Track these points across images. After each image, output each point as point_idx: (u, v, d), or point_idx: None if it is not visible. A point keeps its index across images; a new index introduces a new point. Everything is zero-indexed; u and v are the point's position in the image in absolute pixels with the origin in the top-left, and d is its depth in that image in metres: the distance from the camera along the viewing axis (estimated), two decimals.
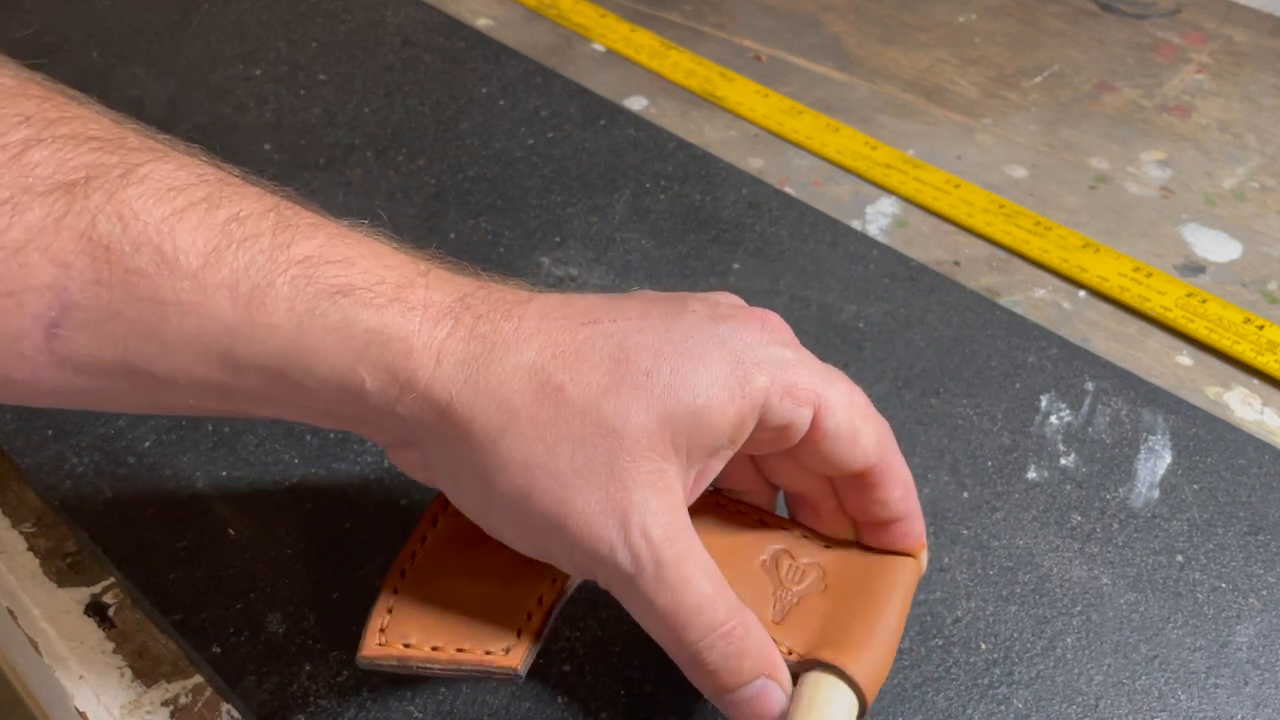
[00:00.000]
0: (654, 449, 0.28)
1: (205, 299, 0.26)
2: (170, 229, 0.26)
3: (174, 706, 0.36)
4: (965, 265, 0.53)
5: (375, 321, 0.27)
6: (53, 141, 0.26)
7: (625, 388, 0.28)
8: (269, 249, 0.27)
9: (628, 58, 0.66)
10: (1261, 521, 0.41)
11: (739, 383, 0.29)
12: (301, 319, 0.27)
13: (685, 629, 0.28)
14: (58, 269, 0.25)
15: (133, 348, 0.26)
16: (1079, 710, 0.36)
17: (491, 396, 0.27)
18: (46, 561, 0.40)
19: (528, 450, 0.27)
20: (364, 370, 0.27)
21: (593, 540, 0.27)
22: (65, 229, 0.25)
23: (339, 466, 0.42)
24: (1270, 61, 0.68)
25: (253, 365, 0.27)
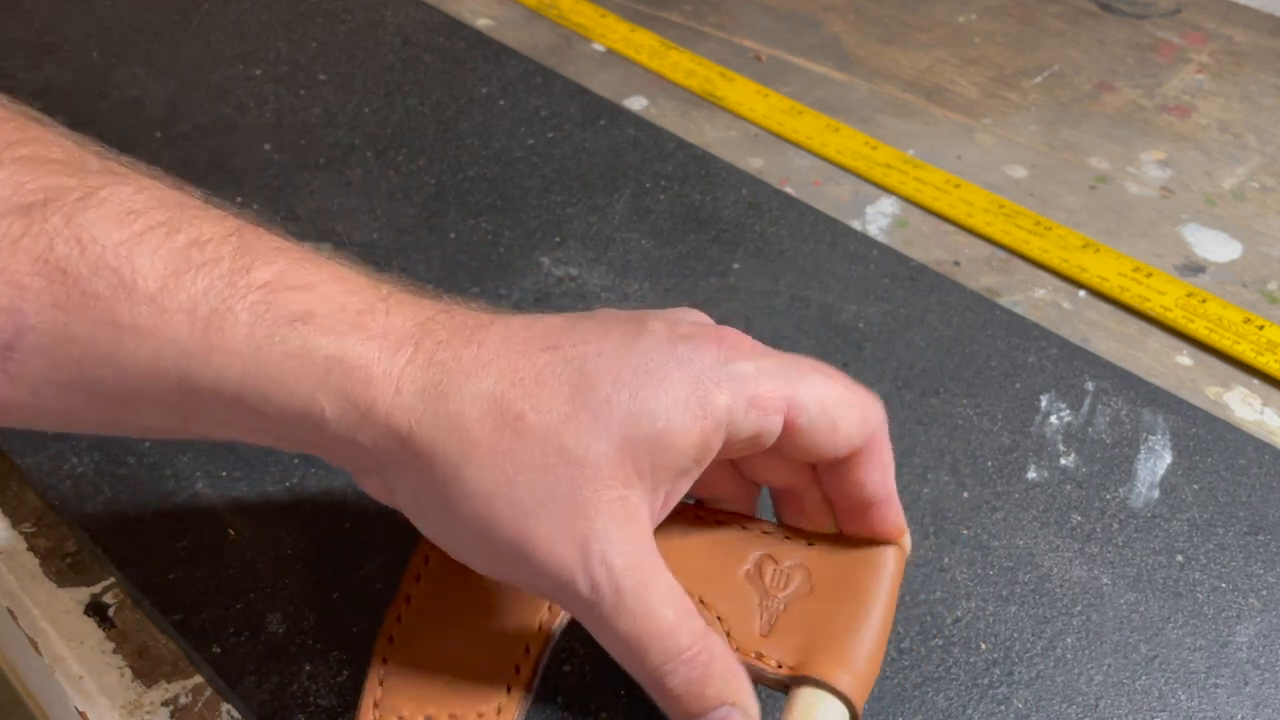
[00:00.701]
0: (615, 477, 0.28)
1: (163, 323, 0.26)
2: (129, 252, 0.26)
3: (174, 706, 0.36)
4: (965, 265, 0.53)
5: (335, 349, 0.27)
6: (11, 163, 0.26)
7: (585, 415, 0.28)
8: (228, 274, 0.27)
9: (628, 58, 0.66)
10: (1261, 521, 0.41)
11: (699, 404, 0.28)
12: (260, 345, 0.26)
13: (647, 654, 0.28)
14: (13, 291, 0.25)
15: (89, 371, 0.26)
16: (1079, 710, 0.36)
17: (452, 426, 0.27)
18: (46, 561, 0.40)
19: (489, 480, 0.27)
20: (323, 398, 0.27)
21: (555, 570, 0.28)
22: (21, 251, 0.25)
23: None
24: (1270, 61, 0.68)
25: (210, 390, 0.27)
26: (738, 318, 0.48)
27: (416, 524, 0.30)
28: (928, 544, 0.40)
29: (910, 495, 0.41)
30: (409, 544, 0.39)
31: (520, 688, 0.31)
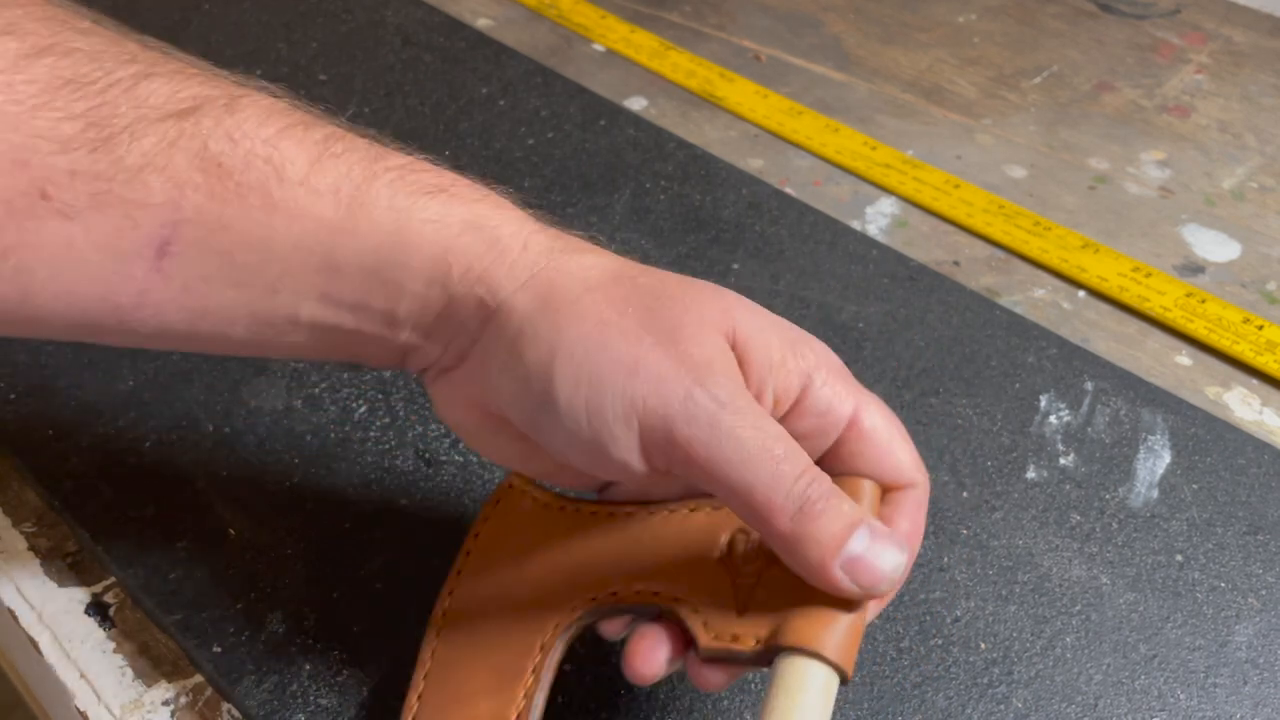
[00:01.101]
0: (718, 329, 0.29)
1: (310, 203, 0.28)
2: (275, 144, 0.28)
3: (174, 706, 0.36)
4: (965, 265, 0.53)
5: (469, 214, 0.29)
6: (162, 76, 0.28)
7: (696, 287, 0.30)
8: (365, 159, 0.29)
9: (628, 58, 0.67)
10: (1261, 521, 0.41)
11: (791, 345, 0.30)
12: (400, 214, 0.28)
13: (780, 464, 0.27)
14: (173, 187, 0.27)
15: (238, 258, 0.28)
16: (1078, 709, 0.36)
17: (571, 273, 0.29)
18: (47, 561, 0.40)
19: (602, 309, 0.28)
20: (453, 257, 0.29)
21: (668, 388, 0.27)
22: (179, 150, 0.27)
23: (339, 466, 0.42)
24: (1269, 62, 0.68)
25: (352, 264, 0.28)
26: None
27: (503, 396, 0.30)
28: (927, 544, 0.40)
29: None
30: (409, 544, 0.39)
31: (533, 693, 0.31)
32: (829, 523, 0.27)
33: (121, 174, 0.26)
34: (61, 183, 0.26)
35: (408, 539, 0.39)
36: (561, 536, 0.33)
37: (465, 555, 0.35)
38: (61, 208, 0.26)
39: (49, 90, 0.26)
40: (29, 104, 0.26)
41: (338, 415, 0.43)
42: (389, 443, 0.42)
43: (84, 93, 0.26)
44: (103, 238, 0.27)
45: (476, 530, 0.35)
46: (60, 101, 0.26)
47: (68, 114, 0.26)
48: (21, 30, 0.26)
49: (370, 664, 0.36)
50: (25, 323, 0.28)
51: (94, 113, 0.26)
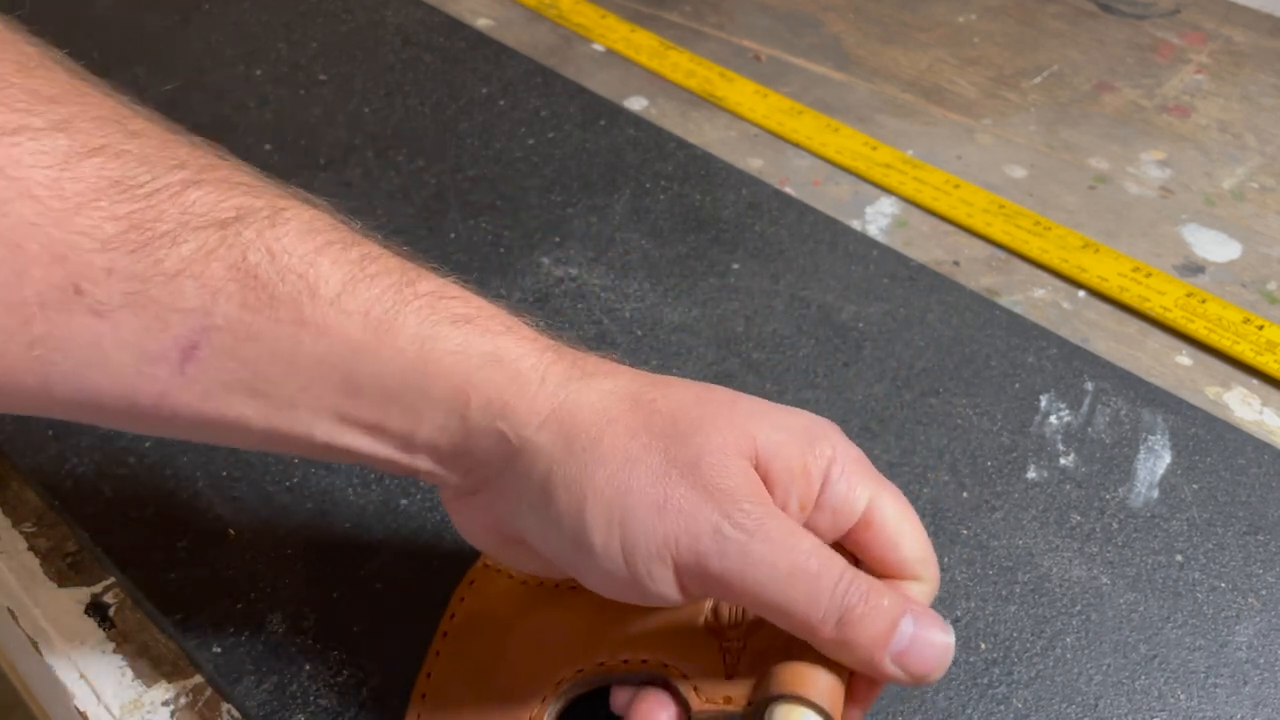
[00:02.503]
0: (740, 453, 0.29)
1: (340, 323, 0.28)
2: (313, 261, 0.28)
3: (174, 706, 0.36)
4: (965, 265, 0.53)
5: (490, 346, 0.30)
6: (208, 184, 0.28)
7: (711, 406, 0.30)
8: (397, 284, 0.29)
9: (628, 58, 0.67)
10: (1261, 521, 0.41)
11: (809, 445, 0.30)
12: (424, 343, 0.29)
13: (815, 582, 0.28)
14: (206, 294, 0.27)
15: (262, 369, 0.28)
16: (1078, 710, 0.36)
17: (591, 407, 0.29)
18: (47, 561, 0.41)
19: (626, 446, 0.29)
20: (472, 390, 0.29)
21: (695, 519, 0.28)
22: (216, 260, 0.27)
23: (339, 467, 0.42)
24: (1269, 62, 0.68)
25: (372, 386, 0.29)
26: (738, 318, 0.48)
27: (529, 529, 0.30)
28: None
29: (910, 495, 0.41)
30: (409, 544, 0.39)
31: None
32: (871, 623, 0.28)
33: (158, 277, 0.27)
34: (97, 280, 0.26)
35: (408, 539, 0.39)
36: (543, 612, 0.33)
37: (442, 636, 0.35)
38: (94, 305, 0.27)
39: (95, 190, 0.27)
40: (74, 202, 0.26)
41: None
42: None
43: (129, 195, 0.27)
44: (131, 336, 0.27)
45: (452, 611, 0.35)
46: (105, 202, 0.27)
47: (111, 215, 0.27)
48: (74, 128, 0.27)
49: (370, 664, 0.36)
50: (40, 408, 0.29)
51: (137, 215, 0.27)
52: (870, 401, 0.45)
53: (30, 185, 0.26)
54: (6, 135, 0.26)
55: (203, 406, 0.29)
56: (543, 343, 0.31)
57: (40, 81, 0.28)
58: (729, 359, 0.47)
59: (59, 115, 0.27)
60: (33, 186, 0.26)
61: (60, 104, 0.27)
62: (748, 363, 0.46)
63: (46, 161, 0.26)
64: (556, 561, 0.30)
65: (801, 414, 0.31)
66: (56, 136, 0.26)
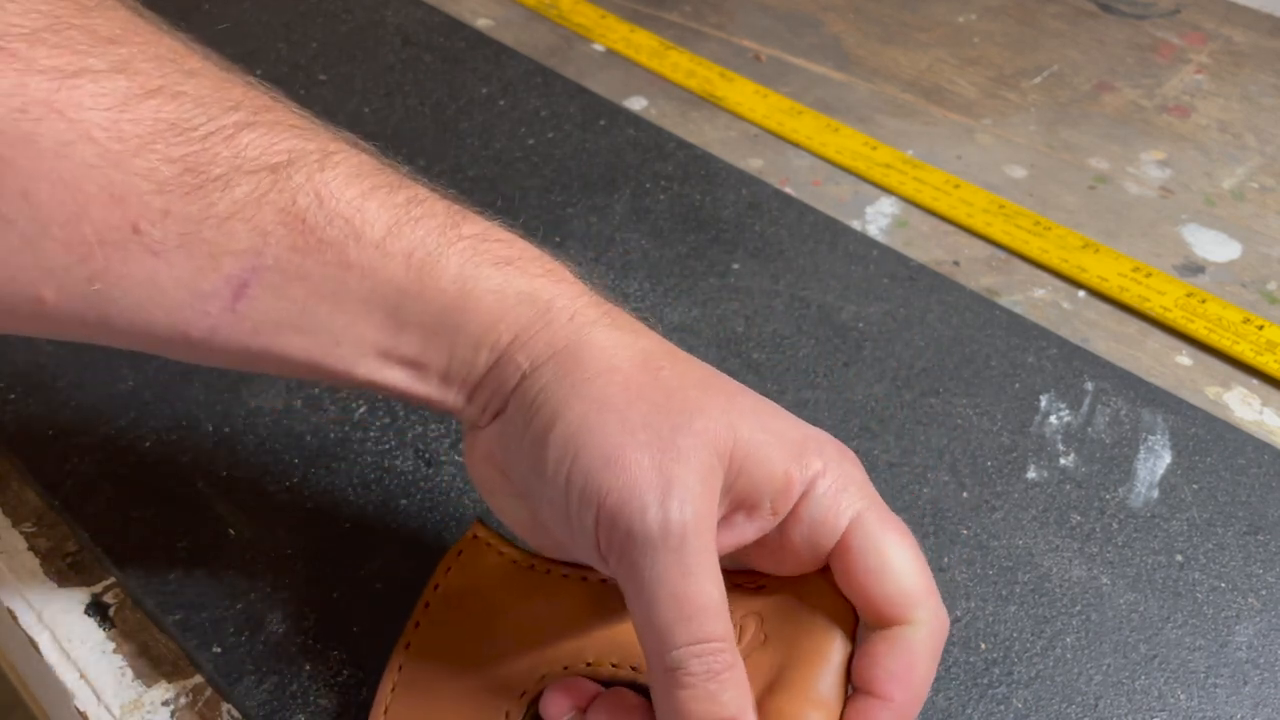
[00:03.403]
0: (714, 448, 0.29)
1: (384, 265, 0.29)
2: (359, 206, 0.30)
3: (174, 706, 0.36)
4: (965, 265, 0.53)
5: (528, 287, 0.31)
6: (261, 125, 0.29)
7: (711, 391, 0.30)
8: (441, 226, 0.30)
9: (628, 58, 0.67)
10: (1261, 521, 0.41)
11: (797, 454, 0.30)
12: (466, 283, 0.30)
13: (680, 622, 0.27)
14: (258, 236, 0.28)
15: (309, 308, 0.29)
16: (1078, 710, 0.36)
17: (601, 349, 0.30)
18: (47, 561, 0.40)
19: (612, 393, 0.29)
20: (504, 326, 0.30)
21: (631, 493, 0.28)
22: (268, 204, 0.28)
23: (339, 466, 0.42)
24: (1269, 62, 0.68)
25: (413, 323, 0.30)
26: (738, 318, 0.48)
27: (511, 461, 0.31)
28: (927, 544, 0.40)
29: (910, 495, 0.42)
30: (409, 544, 0.39)
31: None
32: (691, 699, 0.27)
33: (211, 219, 0.28)
34: (154, 220, 0.27)
35: (408, 539, 0.39)
36: (531, 597, 0.33)
37: (424, 607, 0.34)
38: (150, 244, 0.28)
39: (153, 133, 0.27)
40: (132, 144, 0.27)
41: (338, 415, 0.43)
42: (389, 443, 0.42)
43: (185, 138, 0.28)
44: (185, 275, 0.28)
45: (436, 581, 0.35)
46: (161, 144, 0.27)
47: (167, 157, 0.27)
48: (133, 69, 0.28)
49: (370, 664, 0.36)
50: (100, 338, 0.30)
51: (192, 158, 0.28)
52: (870, 401, 0.45)
53: (90, 127, 0.26)
54: (68, 78, 0.26)
55: (251, 341, 0.30)
56: (580, 287, 0.32)
57: (99, 21, 0.28)
58: (729, 359, 0.47)
59: (118, 56, 0.28)
60: (92, 129, 0.26)
61: (119, 44, 0.28)
62: (748, 363, 0.46)
63: (106, 104, 0.27)
64: (521, 488, 0.31)
65: (806, 427, 0.31)
66: (116, 78, 0.27)
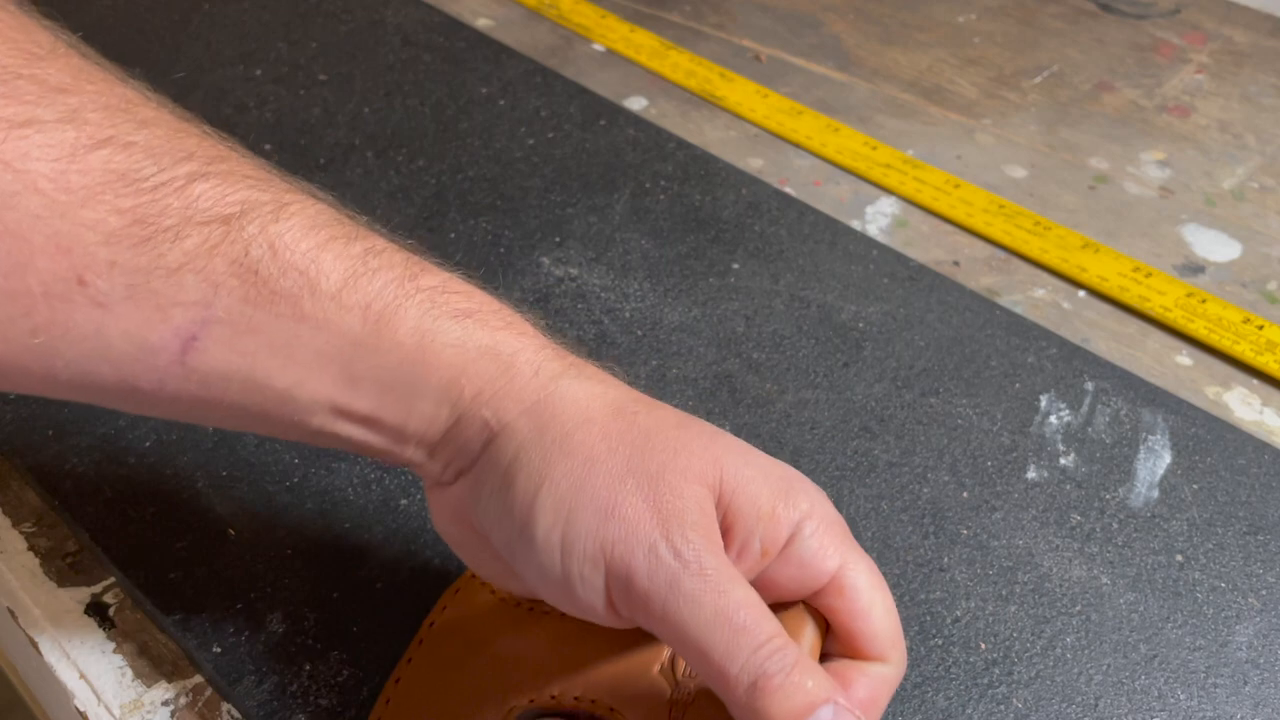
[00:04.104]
0: (702, 481, 0.29)
1: (339, 317, 0.29)
2: (315, 257, 0.29)
3: (174, 706, 0.36)
4: (965, 265, 0.53)
5: (490, 340, 0.30)
6: (214, 176, 0.28)
7: (690, 433, 0.30)
8: (399, 278, 0.30)
9: (628, 58, 0.67)
10: (1261, 521, 0.41)
11: (784, 493, 0.30)
12: (423, 336, 0.29)
13: (738, 636, 0.27)
14: (208, 288, 0.28)
15: (260, 362, 0.29)
16: (1078, 710, 0.36)
17: (575, 401, 0.30)
18: (47, 561, 0.40)
19: (594, 445, 0.29)
20: (466, 380, 0.30)
21: (635, 540, 0.28)
22: (219, 255, 0.28)
23: (339, 466, 0.42)
24: (1270, 62, 0.68)
25: (368, 379, 0.29)
26: (738, 318, 0.48)
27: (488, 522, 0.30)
28: (927, 544, 0.40)
29: (910, 495, 0.42)
30: (409, 544, 0.39)
31: None
32: (786, 698, 0.27)
33: (160, 270, 0.27)
34: (100, 272, 0.27)
35: (408, 539, 0.39)
36: (509, 633, 0.33)
37: (418, 644, 0.35)
38: (96, 295, 0.27)
39: (101, 183, 0.27)
40: (79, 195, 0.26)
41: None
42: None
43: (135, 188, 0.27)
44: (132, 326, 0.28)
45: (432, 619, 0.35)
46: (110, 195, 0.27)
47: (115, 208, 0.27)
48: (81, 119, 0.27)
49: (370, 664, 0.36)
50: (45, 390, 0.29)
51: (141, 209, 0.27)
52: (870, 401, 0.45)
53: (36, 179, 0.26)
54: (16, 128, 0.26)
55: (201, 393, 0.29)
56: (542, 340, 0.31)
57: (50, 70, 0.28)
58: (729, 359, 0.47)
59: (67, 106, 0.27)
60: (39, 180, 0.26)
61: (69, 93, 0.27)
62: (748, 363, 0.46)
63: (53, 155, 0.26)
64: (504, 552, 0.30)
65: (787, 467, 0.31)
66: (64, 129, 0.27)
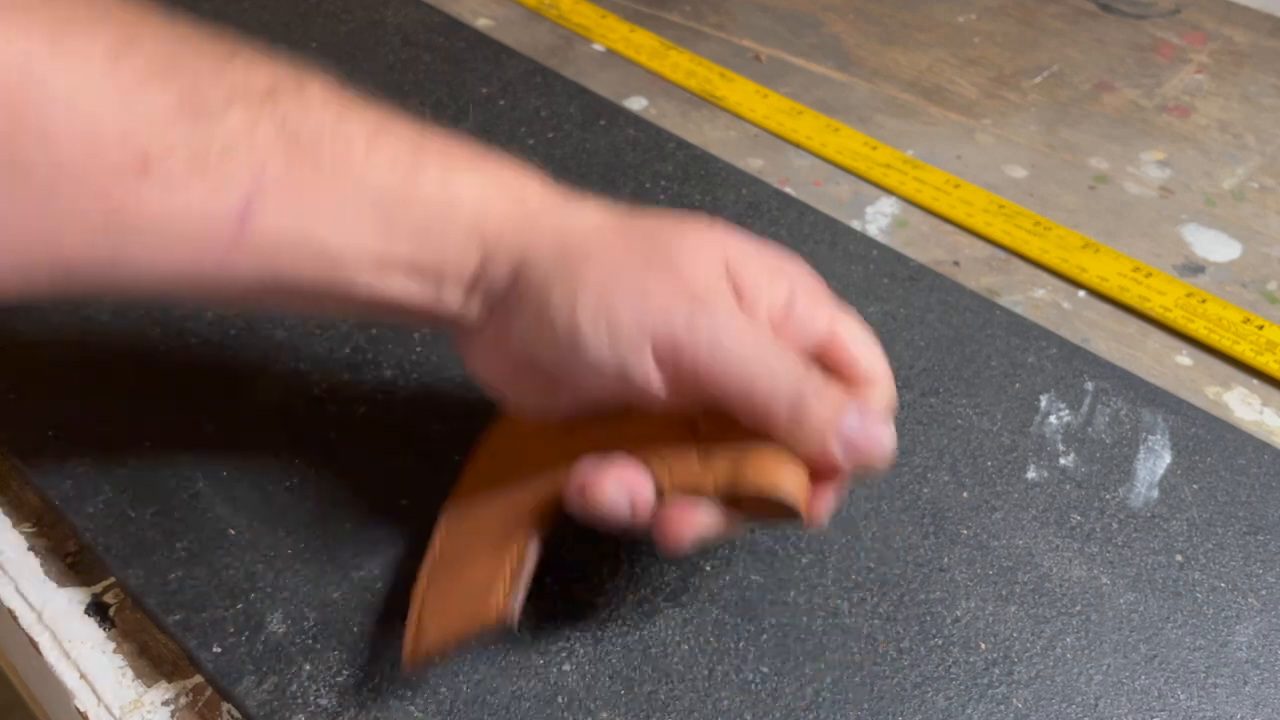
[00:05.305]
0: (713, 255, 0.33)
1: (374, 173, 0.32)
2: (342, 122, 0.32)
3: (174, 706, 0.36)
4: (965, 265, 0.53)
5: (502, 184, 0.34)
6: (240, 58, 0.32)
7: (687, 224, 0.34)
8: (414, 137, 0.33)
9: (628, 58, 0.67)
10: (1261, 521, 0.41)
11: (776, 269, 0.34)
12: (446, 184, 0.33)
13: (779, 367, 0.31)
14: (256, 159, 0.31)
15: (309, 223, 0.31)
16: (1078, 710, 0.36)
17: (585, 222, 0.34)
18: (47, 561, 0.41)
19: (612, 250, 0.33)
20: (488, 221, 0.33)
21: (671, 307, 0.31)
22: (262, 127, 0.31)
23: (339, 466, 0.42)
24: (1270, 61, 0.68)
25: (404, 228, 0.32)
26: None
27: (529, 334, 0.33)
28: (927, 544, 0.40)
29: (910, 495, 0.42)
30: (409, 544, 0.39)
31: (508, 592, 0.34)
32: (822, 409, 0.31)
33: (213, 146, 0.30)
34: (161, 155, 0.29)
35: (408, 539, 0.39)
36: (555, 437, 0.37)
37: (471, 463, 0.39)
38: (159, 178, 0.30)
39: (149, 74, 0.30)
40: (133, 84, 0.29)
41: (338, 415, 0.43)
42: (389, 443, 0.42)
43: (178, 76, 0.30)
44: (195, 204, 0.30)
45: (481, 442, 0.39)
46: (159, 82, 0.30)
47: (164, 94, 0.30)
48: (116, 19, 0.30)
49: (370, 664, 0.36)
50: (115, 282, 0.31)
51: (188, 93, 0.30)
52: None
53: (91, 72, 0.29)
54: (62, 26, 0.29)
55: (259, 265, 0.31)
56: (543, 180, 0.35)
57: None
58: None
59: (99, 8, 0.30)
60: (94, 73, 0.29)
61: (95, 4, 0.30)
62: None
63: (102, 49, 0.29)
64: (553, 369, 0.33)
65: (770, 246, 0.35)
66: (106, 25, 0.30)
